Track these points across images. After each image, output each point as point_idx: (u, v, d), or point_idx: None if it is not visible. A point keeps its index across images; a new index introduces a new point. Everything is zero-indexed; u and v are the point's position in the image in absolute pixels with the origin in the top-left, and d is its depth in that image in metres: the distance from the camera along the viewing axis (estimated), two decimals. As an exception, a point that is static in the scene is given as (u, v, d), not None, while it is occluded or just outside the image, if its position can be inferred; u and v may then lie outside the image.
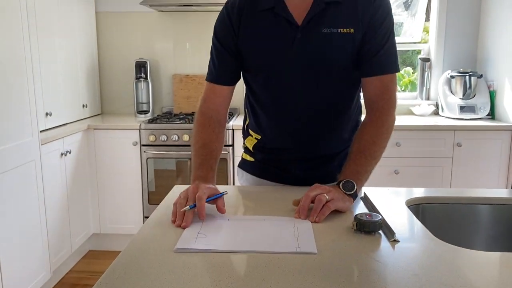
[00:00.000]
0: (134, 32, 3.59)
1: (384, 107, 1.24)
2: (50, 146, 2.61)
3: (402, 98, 3.67)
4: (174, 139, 3.03)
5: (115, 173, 3.12)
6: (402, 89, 3.85)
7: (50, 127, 2.84)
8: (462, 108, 3.21)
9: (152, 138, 3.04)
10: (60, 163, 2.74)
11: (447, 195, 1.33)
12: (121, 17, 3.57)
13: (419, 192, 1.36)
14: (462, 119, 3.18)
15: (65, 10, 3.04)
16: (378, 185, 3.35)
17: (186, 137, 3.03)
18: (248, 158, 1.45)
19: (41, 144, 2.50)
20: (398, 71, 1.25)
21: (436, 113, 3.46)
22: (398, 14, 3.87)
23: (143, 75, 3.45)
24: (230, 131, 3.03)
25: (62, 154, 2.75)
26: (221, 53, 1.30)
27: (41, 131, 2.61)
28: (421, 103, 3.51)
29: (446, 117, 3.28)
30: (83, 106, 3.31)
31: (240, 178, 1.51)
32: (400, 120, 3.15)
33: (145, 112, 3.46)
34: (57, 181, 2.71)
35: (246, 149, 1.47)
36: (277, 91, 1.28)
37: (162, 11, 3.50)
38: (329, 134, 1.33)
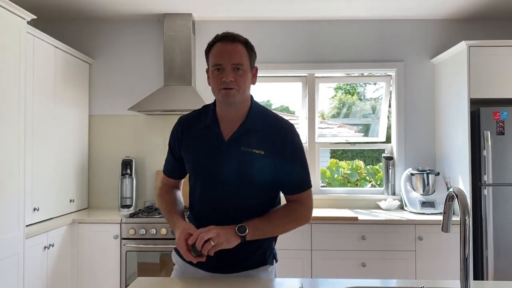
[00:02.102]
0: (122, 132, 3.93)
1: (302, 211, 1.58)
2: (34, 240, 2.78)
3: (370, 193, 3.93)
4: (152, 232, 3.21)
5: (96, 266, 3.25)
6: (378, 183, 4.14)
7: (36, 222, 3.03)
8: (423, 204, 3.46)
9: (132, 231, 3.22)
10: (42, 256, 2.89)
11: (377, 285, 1.51)
12: (111, 119, 3.94)
13: (354, 283, 1.55)
14: (423, 213, 3.42)
15: (61, 112, 3.40)
16: (346, 277, 3.54)
17: (163, 231, 3.21)
18: None
19: (26, 238, 2.67)
20: (311, 186, 1.62)
21: (401, 207, 3.70)
22: (366, 116, 4.30)
23: (128, 171, 3.73)
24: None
25: (45, 248, 2.91)
26: (171, 156, 1.72)
27: (26, 226, 2.80)
28: (387, 198, 3.77)
29: (410, 212, 3.52)
30: (70, 201, 3.53)
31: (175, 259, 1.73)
32: (365, 215, 3.38)
33: (128, 206, 3.68)
34: (38, 274, 2.83)
35: None
36: (206, 191, 1.61)
37: (149, 114, 3.88)
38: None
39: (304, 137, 4.01)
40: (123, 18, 3.92)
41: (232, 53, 1.52)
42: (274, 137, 1.55)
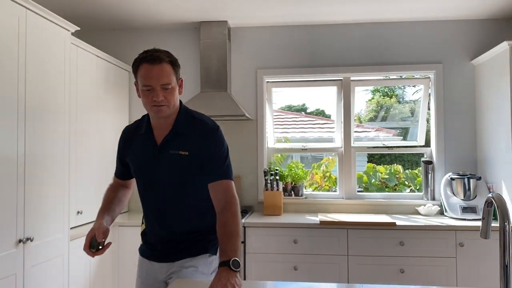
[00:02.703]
0: (161, 138, 4.03)
1: (226, 205, 1.68)
2: (78, 242, 2.90)
3: (409, 198, 3.85)
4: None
5: (136, 267, 3.33)
6: (417, 188, 4.05)
7: (80, 224, 3.16)
8: (464, 209, 3.35)
9: (170, 235, 3.30)
10: (86, 259, 3.00)
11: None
12: (150, 125, 4.05)
13: (389, 289, 1.53)
14: (464, 219, 3.31)
15: (103, 118, 3.53)
16: (384, 283, 3.49)
17: (201, 234, 3.27)
18: (141, 242, 1.98)
19: (70, 240, 2.80)
20: (230, 179, 1.74)
21: (441, 213, 3.60)
22: (404, 119, 4.22)
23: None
24: (243, 228, 3.26)
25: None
26: (118, 161, 1.98)
27: (71, 228, 2.92)
28: (426, 203, 3.68)
29: (450, 217, 3.42)
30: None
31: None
32: (403, 220, 3.32)
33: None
34: (81, 275, 2.95)
35: (141, 234, 1.99)
36: (147, 190, 1.84)
37: (186, 120, 3.96)
38: (181, 223, 1.81)
39: (339, 141, 3.98)
40: (161, 27, 4.03)
41: (160, 75, 1.66)
42: (197, 139, 1.73)
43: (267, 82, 4.03)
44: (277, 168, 3.85)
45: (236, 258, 1.52)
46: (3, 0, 2.21)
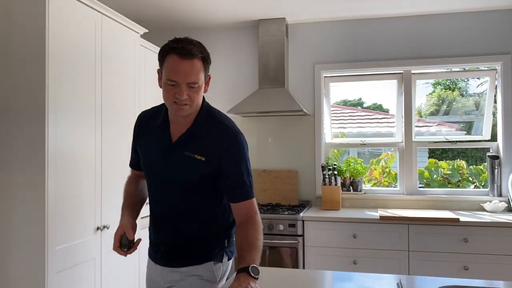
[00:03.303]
0: (221, 134, 4.17)
1: (248, 220, 1.55)
2: (146, 231, 3.09)
3: (473, 194, 3.72)
4: (250, 228, 3.38)
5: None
6: (482, 184, 3.91)
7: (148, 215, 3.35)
8: (534, 206, 3.20)
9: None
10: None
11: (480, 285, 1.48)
12: (211, 122, 4.20)
13: (454, 282, 1.54)
14: (534, 216, 3.16)
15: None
16: None
17: (281, 227, 3.36)
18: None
19: (141, 229, 2.98)
20: (252, 197, 1.59)
21: (509, 209, 3.45)
22: (468, 113, 4.07)
23: (227, 170, 3.95)
24: (300, 222, 3.32)
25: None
26: (132, 148, 1.80)
27: (141, 218, 3.11)
28: (492, 199, 3.54)
29: (519, 214, 3.28)
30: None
31: None
32: (468, 216, 3.23)
33: (227, 203, 3.90)
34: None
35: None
36: (154, 187, 1.68)
37: (245, 116, 4.08)
38: (186, 228, 1.64)
39: (399, 136, 3.92)
40: (220, 26, 4.17)
41: (188, 72, 1.48)
42: (216, 145, 1.55)
43: (325, 77, 4.04)
44: (335, 163, 3.86)
45: (255, 265, 1.41)
46: (83, 7, 2.41)
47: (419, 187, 3.89)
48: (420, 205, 3.71)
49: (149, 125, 1.69)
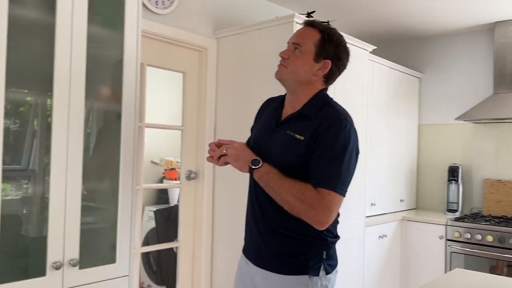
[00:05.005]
0: (449, 140, 4.14)
1: (316, 203, 1.38)
2: (371, 229, 3.40)
3: None
4: (477, 238, 3.30)
5: (421, 260, 3.62)
6: None
7: (373, 214, 3.66)
8: None
9: (457, 234, 3.41)
10: (377, 243, 3.48)
11: None
12: (439, 128, 4.21)
13: None
14: None
15: (393, 123, 3.93)
16: None
17: (490, 238, 3.25)
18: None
19: (365, 226, 3.32)
20: (334, 190, 1.39)
21: None
22: None
23: (455, 178, 3.91)
24: None
25: (379, 237, 3.50)
26: (251, 130, 1.76)
27: (366, 217, 3.45)
28: None
29: None
30: (401, 200, 4.03)
31: None
32: None
33: (454, 211, 3.86)
34: (374, 257, 3.45)
35: None
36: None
37: (476, 123, 3.93)
38: (279, 220, 1.49)
39: None
40: (451, 32, 4.12)
41: (299, 34, 1.53)
42: (320, 125, 1.44)
43: None
44: None
45: (260, 162, 1.45)
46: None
47: None
48: None
49: (268, 108, 1.70)
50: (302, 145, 1.45)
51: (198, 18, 2.95)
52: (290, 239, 1.48)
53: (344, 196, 1.42)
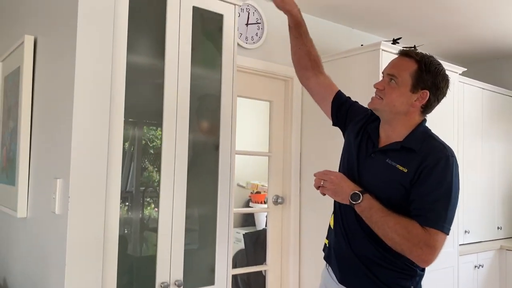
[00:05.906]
0: None
1: (422, 242, 1.35)
2: (466, 258, 3.24)
3: None
4: None
5: None
6: None
7: (467, 243, 3.47)
8: None
9: None
10: (473, 273, 3.30)
11: None
12: None
13: None
14: None
15: (488, 146, 3.73)
16: None
17: None
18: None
19: (459, 255, 3.16)
20: (441, 230, 1.36)
21: None
22: None
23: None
24: None
25: (475, 267, 3.31)
26: (343, 101, 1.81)
27: (460, 245, 3.28)
28: None
29: None
30: (498, 228, 3.78)
31: None
32: None
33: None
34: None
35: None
36: None
37: None
38: (365, 247, 1.48)
39: None
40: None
41: (394, 65, 1.51)
42: (425, 160, 1.40)
43: None
44: None
45: (362, 197, 1.42)
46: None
47: None
48: None
49: (367, 120, 1.64)
50: (405, 177, 1.41)
51: (283, 50, 3.07)
52: (379, 267, 1.47)
53: (448, 234, 1.39)
